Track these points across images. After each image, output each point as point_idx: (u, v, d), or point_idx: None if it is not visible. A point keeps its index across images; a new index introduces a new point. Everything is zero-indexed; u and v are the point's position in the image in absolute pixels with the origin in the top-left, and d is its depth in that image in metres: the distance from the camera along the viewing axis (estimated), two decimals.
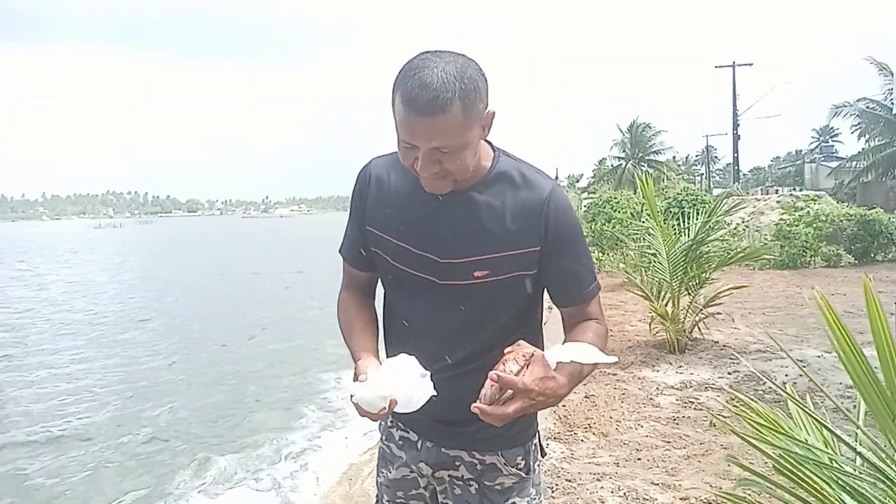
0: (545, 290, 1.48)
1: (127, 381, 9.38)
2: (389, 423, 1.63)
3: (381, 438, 1.67)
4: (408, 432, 1.59)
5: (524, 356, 1.20)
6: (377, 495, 1.70)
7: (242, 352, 11.03)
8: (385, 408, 1.23)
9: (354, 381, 1.31)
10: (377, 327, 1.55)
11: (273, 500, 5.17)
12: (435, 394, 1.26)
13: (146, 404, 8.13)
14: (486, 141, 1.40)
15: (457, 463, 1.53)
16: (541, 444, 1.61)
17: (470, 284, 1.38)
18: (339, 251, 1.60)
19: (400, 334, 1.51)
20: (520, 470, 1.53)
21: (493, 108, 1.31)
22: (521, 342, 1.26)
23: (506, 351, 1.23)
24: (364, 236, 1.50)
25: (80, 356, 10.75)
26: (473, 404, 1.17)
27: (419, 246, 1.41)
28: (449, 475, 1.55)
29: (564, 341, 1.43)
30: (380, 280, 1.57)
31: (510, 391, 1.17)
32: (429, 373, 1.28)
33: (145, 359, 10.63)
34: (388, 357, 1.43)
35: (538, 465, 1.59)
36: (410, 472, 1.59)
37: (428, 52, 1.26)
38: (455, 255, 1.38)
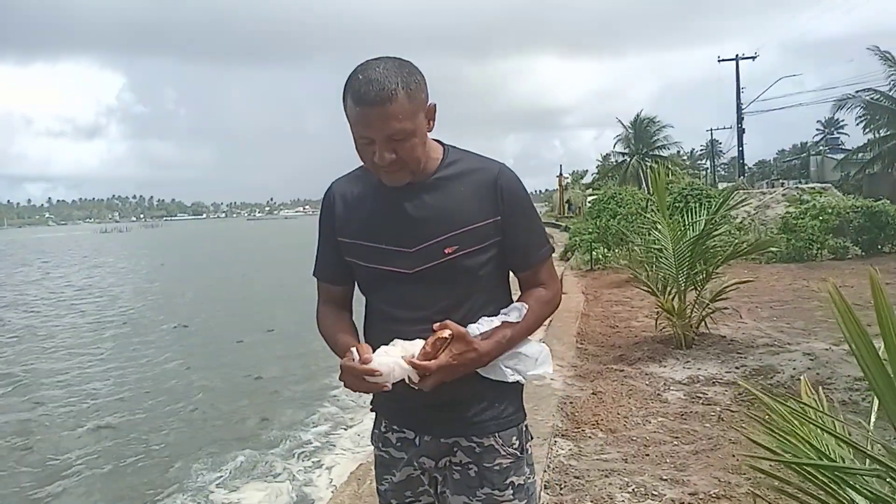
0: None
1: (148, 380, 9.61)
2: (384, 428, 1.69)
3: (378, 446, 1.71)
4: (404, 432, 1.64)
5: (440, 339, 1.42)
6: None
7: (256, 351, 11.17)
8: (388, 379, 1.39)
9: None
10: (356, 332, 1.65)
11: (287, 493, 5.27)
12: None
13: (167, 404, 8.34)
14: (435, 140, 1.58)
15: (455, 449, 1.59)
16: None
17: (442, 263, 1.51)
18: (313, 274, 1.73)
19: (382, 331, 1.56)
20: (515, 450, 1.61)
21: (434, 102, 1.49)
22: (447, 322, 1.44)
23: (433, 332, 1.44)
24: (336, 249, 1.64)
25: (105, 360, 10.93)
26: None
27: (388, 241, 1.54)
28: (448, 461, 1.61)
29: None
30: (358, 287, 1.70)
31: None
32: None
33: (162, 360, 10.83)
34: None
35: (530, 446, 1.68)
36: (414, 469, 1.64)
37: (368, 59, 1.45)
38: (425, 238, 1.51)
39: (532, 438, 1.72)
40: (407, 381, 1.41)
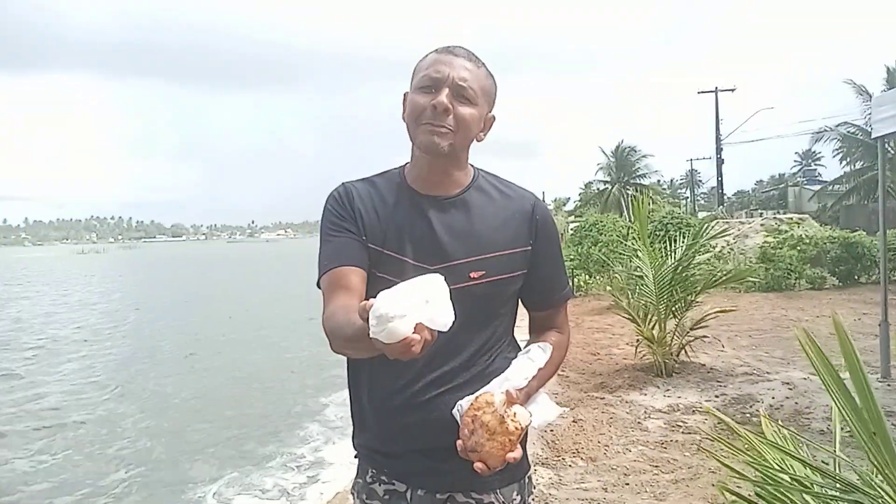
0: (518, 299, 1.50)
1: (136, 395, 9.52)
2: (369, 479, 1.49)
3: (361, 499, 1.50)
4: (393, 484, 1.46)
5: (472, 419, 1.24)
6: None
7: (247, 369, 11.09)
8: (412, 328, 0.97)
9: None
10: None
11: None
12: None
13: (160, 419, 8.30)
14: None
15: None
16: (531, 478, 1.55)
17: (464, 287, 1.34)
18: (320, 270, 1.40)
19: (382, 363, 1.32)
20: None
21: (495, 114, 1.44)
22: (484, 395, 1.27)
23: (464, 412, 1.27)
24: (355, 236, 1.39)
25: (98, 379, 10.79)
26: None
27: (409, 254, 1.38)
28: None
29: (528, 343, 1.47)
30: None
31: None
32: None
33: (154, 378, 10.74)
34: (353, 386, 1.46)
35: (532, 500, 1.53)
36: None
37: None
38: (451, 256, 1.37)
39: (534, 490, 1.56)
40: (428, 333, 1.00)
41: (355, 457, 1.56)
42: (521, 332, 1.56)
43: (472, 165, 1.48)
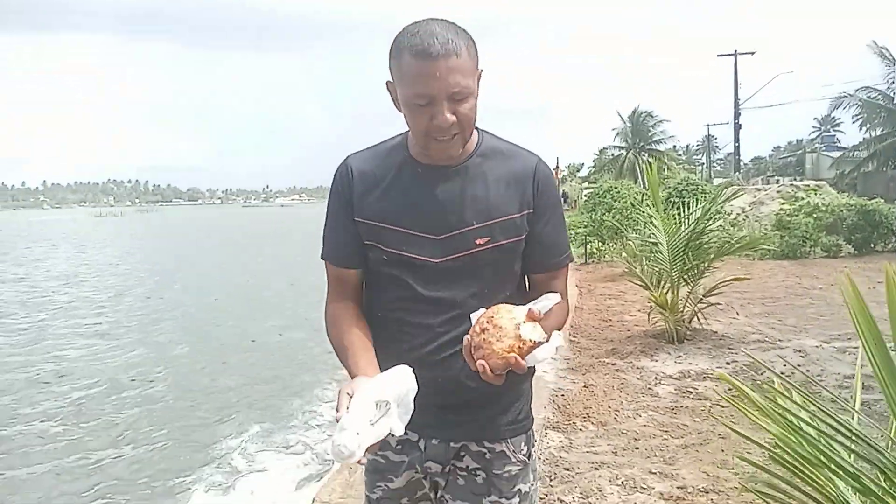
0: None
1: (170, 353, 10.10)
2: None
3: (373, 449, 1.47)
4: (406, 434, 1.42)
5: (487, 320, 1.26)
6: None
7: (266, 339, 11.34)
8: (363, 451, 1.14)
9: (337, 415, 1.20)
10: (371, 341, 1.45)
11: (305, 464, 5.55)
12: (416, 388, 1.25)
13: (191, 377, 8.74)
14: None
15: (462, 454, 1.50)
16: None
17: (472, 254, 1.40)
18: (322, 256, 1.53)
19: (398, 330, 1.46)
20: (524, 456, 1.53)
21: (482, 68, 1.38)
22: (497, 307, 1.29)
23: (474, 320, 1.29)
24: (350, 229, 1.47)
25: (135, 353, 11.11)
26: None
27: (414, 226, 1.41)
28: (453, 466, 1.50)
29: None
30: (367, 274, 1.52)
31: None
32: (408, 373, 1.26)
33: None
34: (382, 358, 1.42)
35: (535, 452, 1.60)
36: (416, 473, 1.52)
37: (417, 20, 1.33)
38: (455, 225, 1.40)
39: (536, 443, 1.63)
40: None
41: None
42: None
43: (477, 128, 1.45)
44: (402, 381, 1.24)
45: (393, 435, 1.20)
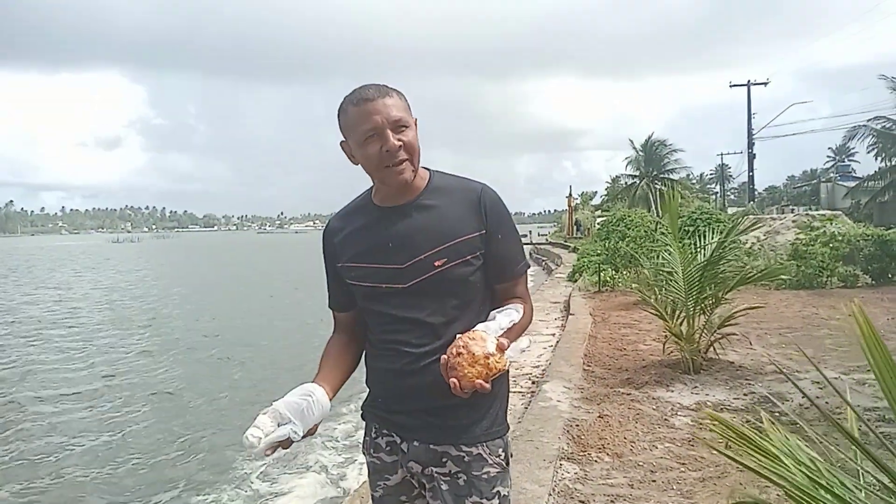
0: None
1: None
2: (374, 434, 1.76)
3: (370, 453, 1.78)
4: (392, 436, 1.72)
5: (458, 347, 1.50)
6: None
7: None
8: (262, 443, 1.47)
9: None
10: (348, 364, 1.79)
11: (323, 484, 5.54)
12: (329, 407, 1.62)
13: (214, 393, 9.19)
14: (422, 167, 1.69)
15: (444, 459, 1.65)
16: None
17: (434, 275, 1.61)
18: (328, 306, 1.85)
19: (386, 348, 1.69)
20: (501, 460, 1.68)
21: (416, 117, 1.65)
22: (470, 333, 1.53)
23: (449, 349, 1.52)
24: (337, 278, 1.76)
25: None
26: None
27: (382, 260, 1.65)
28: (436, 472, 1.65)
29: (490, 312, 1.69)
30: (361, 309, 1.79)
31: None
32: (311, 391, 1.58)
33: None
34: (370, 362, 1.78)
35: (511, 457, 1.76)
36: (405, 473, 1.71)
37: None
38: (415, 253, 1.62)
39: (513, 455, 1.78)
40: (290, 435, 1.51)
41: (362, 417, 1.82)
42: None
43: (428, 168, 1.71)
44: (299, 396, 1.55)
45: (293, 439, 1.50)
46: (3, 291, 27.10)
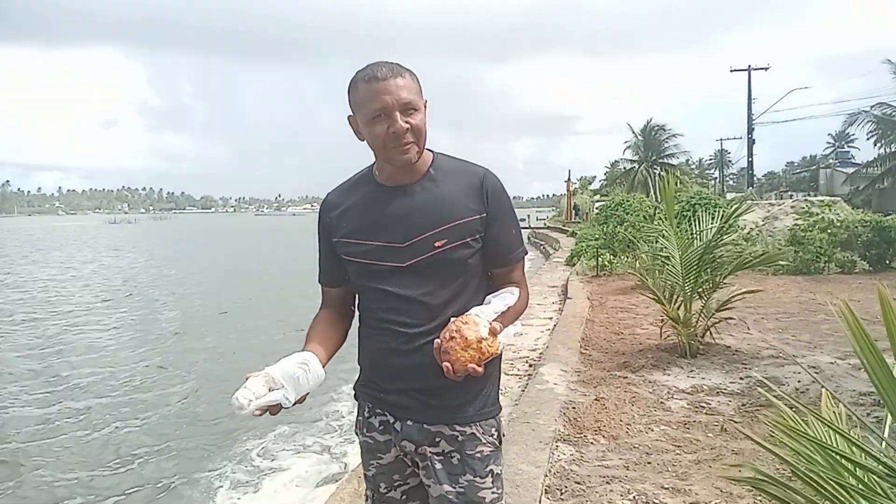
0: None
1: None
2: (367, 414, 1.76)
3: (363, 432, 1.78)
4: (385, 415, 1.72)
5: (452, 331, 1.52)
6: (366, 493, 1.83)
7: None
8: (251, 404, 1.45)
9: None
10: (337, 339, 1.79)
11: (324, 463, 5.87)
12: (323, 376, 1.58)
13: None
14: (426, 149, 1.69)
15: (437, 439, 1.66)
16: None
17: (433, 256, 1.61)
18: (318, 280, 1.85)
19: (378, 324, 1.69)
20: (494, 439, 1.70)
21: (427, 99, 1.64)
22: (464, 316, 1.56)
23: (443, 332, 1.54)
24: (331, 254, 1.76)
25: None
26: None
27: (382, 238, 1.65)
28: (430, 451, 1.66)
29: (487, 296, 1.70)
30: (354, 287, 1.78)
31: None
32: (307, 360, 1.56)
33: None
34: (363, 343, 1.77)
35: (504, 437, 1.78)
36: (399, 451, 1.72)
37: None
38: (416, 233, 1.62)
39: (505, 435, 1.81)
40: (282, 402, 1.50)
41: (355, 397, 1.83)
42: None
43: (430, 150, 1.71)
44: (296, 364, 1.53)
45: (283, 406, 1.49)
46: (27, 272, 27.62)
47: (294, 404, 1.53)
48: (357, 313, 1.83)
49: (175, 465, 6.25)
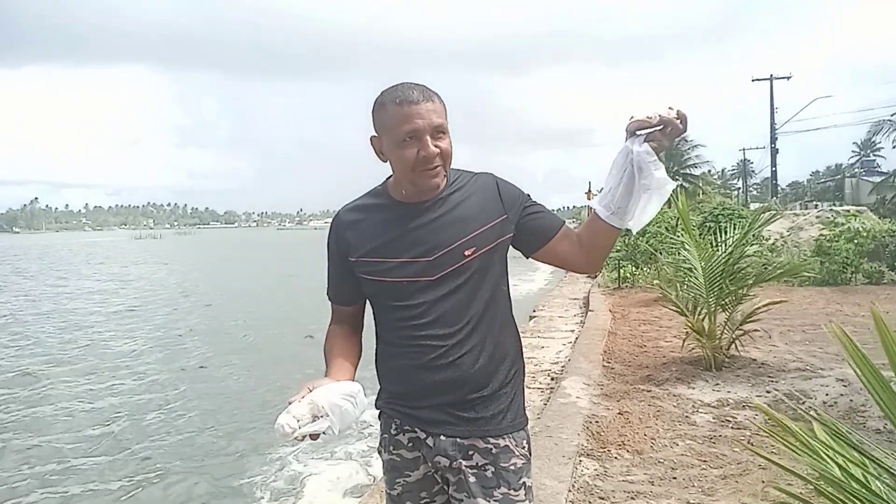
0: (526, 254, 1.74)
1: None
2: (394, 431, 1.71)
3: (388, 449, 1.73)
4: (416, 431, 1.68)
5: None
6: None
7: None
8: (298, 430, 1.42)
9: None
10: (356, 356, 1.74)
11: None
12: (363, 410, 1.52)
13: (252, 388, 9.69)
14: None
15: (471, 452, 1.63)
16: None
17: (462, 265, 1.61)
18: (327, 295, 1.81)
19: (406, 342, 1.65)
20: (525, 451, 1.69)
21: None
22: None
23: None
24: (344, 271, 1.72)
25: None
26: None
27: (408, 254, 1.62)
28: (464, 465, 1.63)
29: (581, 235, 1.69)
30: (371, 305, 1.76)
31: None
32: (356, 393, 1.51)
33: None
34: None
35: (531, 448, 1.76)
36: (430, 468, 1.68)
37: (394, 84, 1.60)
38: (444, 245, 1.61)
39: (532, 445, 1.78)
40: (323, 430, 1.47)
41: (379, 416, 1.78)
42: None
43: None
44: (343, 396, 1.48)
45: (327, 433, 1.45)
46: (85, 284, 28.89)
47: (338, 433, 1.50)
48: (376, 331, 1.77)
49: (216, 459, 6.74)
